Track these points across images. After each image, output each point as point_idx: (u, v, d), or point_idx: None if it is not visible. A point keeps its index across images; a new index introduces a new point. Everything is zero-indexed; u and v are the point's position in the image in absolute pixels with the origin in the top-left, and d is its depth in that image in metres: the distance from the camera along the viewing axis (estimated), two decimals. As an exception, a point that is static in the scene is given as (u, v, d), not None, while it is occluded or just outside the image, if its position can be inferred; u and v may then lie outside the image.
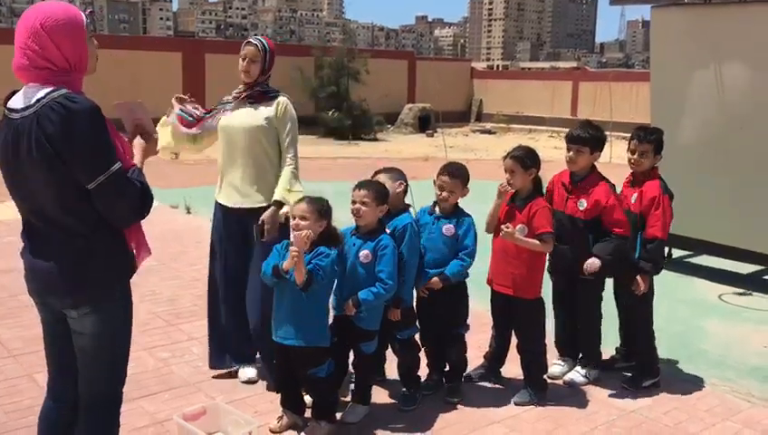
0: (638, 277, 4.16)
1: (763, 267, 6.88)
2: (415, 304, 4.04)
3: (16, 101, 2.41)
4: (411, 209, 3.97)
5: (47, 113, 2.30)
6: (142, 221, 2.58)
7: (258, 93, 4.04)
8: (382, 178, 3.88)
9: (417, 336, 4.02)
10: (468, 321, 4.10)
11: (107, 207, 2.40)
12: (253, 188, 4.01)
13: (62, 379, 2.69)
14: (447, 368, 4.16)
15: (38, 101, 2.33)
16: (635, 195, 4.23)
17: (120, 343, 2.63)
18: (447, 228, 3.95)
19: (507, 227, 3.90)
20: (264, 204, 3.97)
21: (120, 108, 2.61)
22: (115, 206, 2.41)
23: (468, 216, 4.02)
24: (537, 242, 3.93)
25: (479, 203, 4.21)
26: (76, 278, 2.45)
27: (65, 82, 2.38)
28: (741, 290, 6.38)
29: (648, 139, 4.25)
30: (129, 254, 2.59)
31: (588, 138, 4.18)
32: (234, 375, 4.20)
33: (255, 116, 4.01)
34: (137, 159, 2.56)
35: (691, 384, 4.40)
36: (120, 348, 2.64)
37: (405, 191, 3.92)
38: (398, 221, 3.80)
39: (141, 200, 2.45)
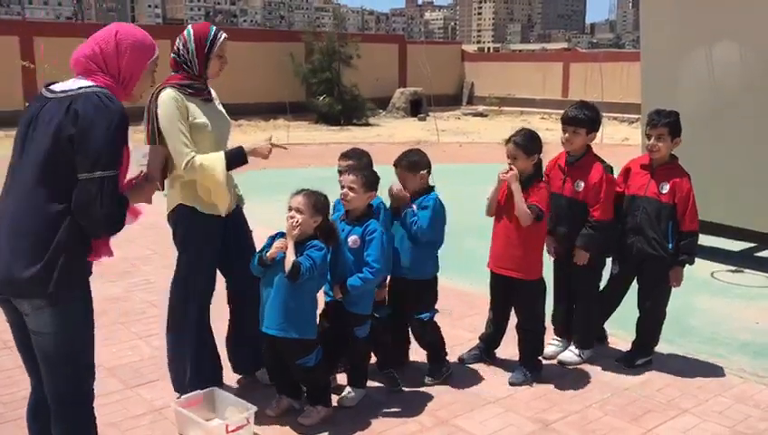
0: (677, 269, 4.17)
1: (754, 245, 6.94)
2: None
3: (58, 86, 2.55)
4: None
5: (83, 100, 2.44)
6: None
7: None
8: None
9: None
10: (459, 303, 4.15)
11: (86, 202, 2.40)
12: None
13: (36, 376, 2.70)
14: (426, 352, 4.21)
15: (80, 87, 2.49)
16: (667, 186, 4.16)
17: (81, 342, 2.61)
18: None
19: (506, 173, 3.94)
20: None
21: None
22: (94, 205, 2.40)
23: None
24: (526, 208, 3.90)
25: (471, 185, 4.22)
26: (32, 272, 2.41)
27: (109, 87, 2.54)
28: (732, 267, 6.44)
29: (662, 121, 4.17)
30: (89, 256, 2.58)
31: (583, 119, 4.18)
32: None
33: (224, 113, 3.76)
34: (131, 196, 2.64)
35: (683, 361, 4.45)
36: (80, 347, 2.61)
37: None
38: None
39: (116, 218, 2.48)
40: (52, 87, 2.56)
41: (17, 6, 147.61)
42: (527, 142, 3.99)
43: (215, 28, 3.64)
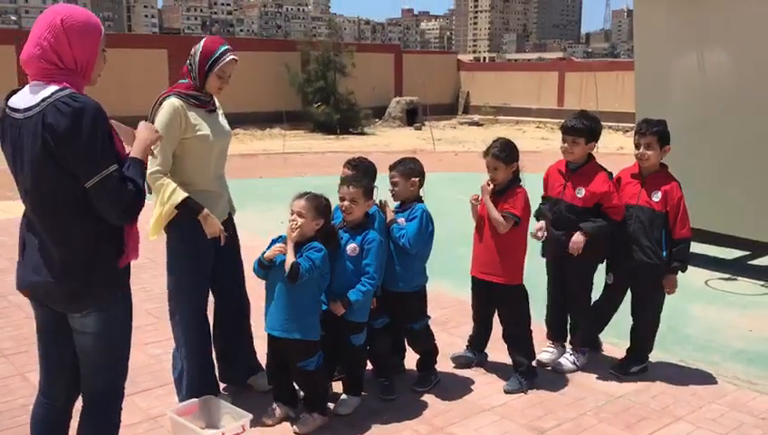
0: (671, 276, 4.20)
1: (747, 252, 6.97)
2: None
3: (19, 101, 2.44)
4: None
5: (53, 112, 2.34)
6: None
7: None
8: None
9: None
10: (455, 312, 4.16)
11: (101, 206, 2.43)
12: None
13: (55, 378, 2.71)
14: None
15: (43, 99, 2.37)
16: (658, 194, 4.19)
17: (122, 340, 2.66)
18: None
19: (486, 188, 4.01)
20: None
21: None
22: (109, 206, 2.43)
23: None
24: (500, 217, 3.98)
25: (467, 193, 4.24)
26: (76, 286, 2.47)
27: (69, 82, 2.42)
28: (726, 275, 6.46)
29: (650, 130, 4.22)
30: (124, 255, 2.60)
31: (582, 128, 4.22)
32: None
33: (225, 125, 3.80)
34: (136, 150, 2.57)
35: (677, 369, 4.47)
36: (121, 346, 2.67)
37: None
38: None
39: (135, 202, 2.47)
40: (14, 104, 2.43)
41: (14, 15, 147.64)
42: (506, 152, 4.06)
43: (225, 48, 3.62)
